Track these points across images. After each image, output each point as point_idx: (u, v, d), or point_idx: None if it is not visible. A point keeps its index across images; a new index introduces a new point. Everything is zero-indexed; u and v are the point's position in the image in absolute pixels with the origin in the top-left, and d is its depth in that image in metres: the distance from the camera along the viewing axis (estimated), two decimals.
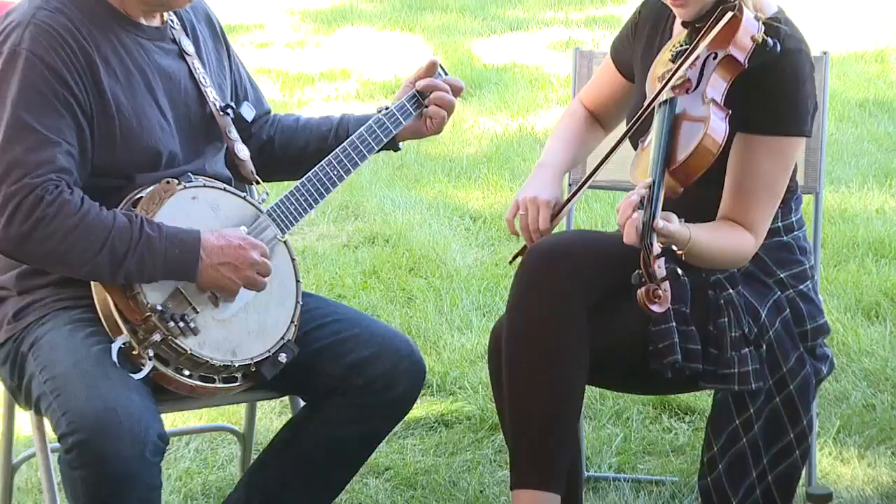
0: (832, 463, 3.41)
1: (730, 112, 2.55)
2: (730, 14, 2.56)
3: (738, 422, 2.67)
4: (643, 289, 2.37)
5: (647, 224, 2.40)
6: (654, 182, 2.46)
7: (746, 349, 2.64)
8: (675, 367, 2.61)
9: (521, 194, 2.74)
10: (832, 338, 3.90)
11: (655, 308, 2.38)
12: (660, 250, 2.39)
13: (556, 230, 2.77)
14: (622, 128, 2.87)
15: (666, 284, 2.38)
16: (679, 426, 3.61)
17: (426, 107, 2.82)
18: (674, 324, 2.61)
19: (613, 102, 2.94)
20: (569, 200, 2.75)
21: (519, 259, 2.74)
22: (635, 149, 2.68)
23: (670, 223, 2.47)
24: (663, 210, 2.46)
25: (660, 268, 2.38)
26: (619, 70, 2.91)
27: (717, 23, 2.57)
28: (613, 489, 3.30)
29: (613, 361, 2.68)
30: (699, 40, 2.59)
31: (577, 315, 2.61)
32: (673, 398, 3.67)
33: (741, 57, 2.57)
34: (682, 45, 2.65)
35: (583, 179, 2.75)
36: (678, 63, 2.60)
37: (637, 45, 2.85)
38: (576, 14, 9.53)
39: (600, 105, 2.96)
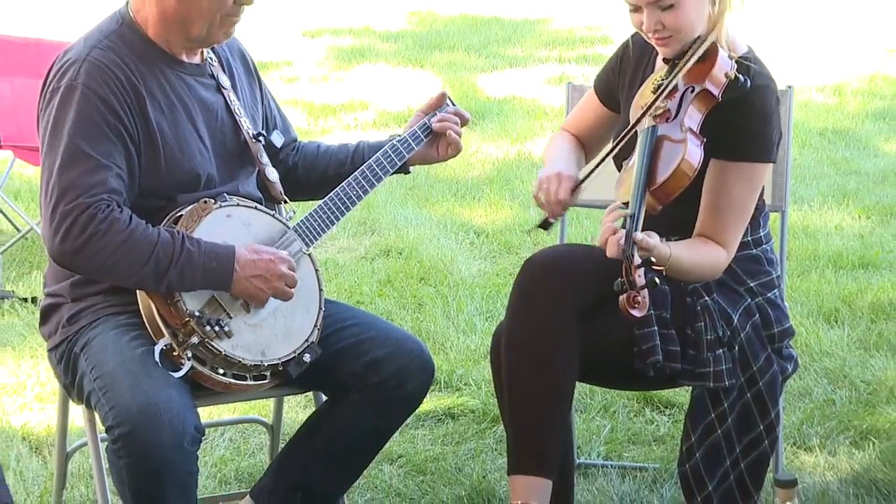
0: (796, 452, 3.39)
1: (705, 140, 2.54)
2: (704, 46, 2.55)
3: (713, 415, 2.66)
4: (624, 295, 2.36)
5: (628, 237, 2.39)
6: (636, 200, 2.45)
7: (720, 350, 2.63)
8: (657, 366, 2.60)
9: (542, 173, 2.68)
10: (796, 340, 3.86)
11: (635, 312, 2.36)
12: (640, 261, 2.38)
13: (549, 244, 2.74)
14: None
15: (645, 291, 2.37)
16: (660, 418, 3.59)
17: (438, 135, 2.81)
18: (656, 328, 2.60)
19: (595, 128, 2.91)
20: (587, 177, 2.66)
21: (541, 227, 2.65)
22: (619, 170, 2.66)
23: (651, 239, 2.45)
24: (646, 227, 2.45)
25: (640, 277, 2.37)
26: (601, 101, 2.89)
27: (692, 56, 2.56)
28: (602, 475, 3.28)
29: (602, 362, 2.67)
30: (677, 72, 2.58)
31: (570, 321, 2.59)
32: (655, 394, 3.65)
33: (716, 91, 2.56)
34: (663, 79, 2.64)
35: (601, 157, 2.61)
36: (658, 93, 2.59)
37: (623, 77, 2.83)
38: (568, 52, 9.53)
39: (583, 130, 2.92)
